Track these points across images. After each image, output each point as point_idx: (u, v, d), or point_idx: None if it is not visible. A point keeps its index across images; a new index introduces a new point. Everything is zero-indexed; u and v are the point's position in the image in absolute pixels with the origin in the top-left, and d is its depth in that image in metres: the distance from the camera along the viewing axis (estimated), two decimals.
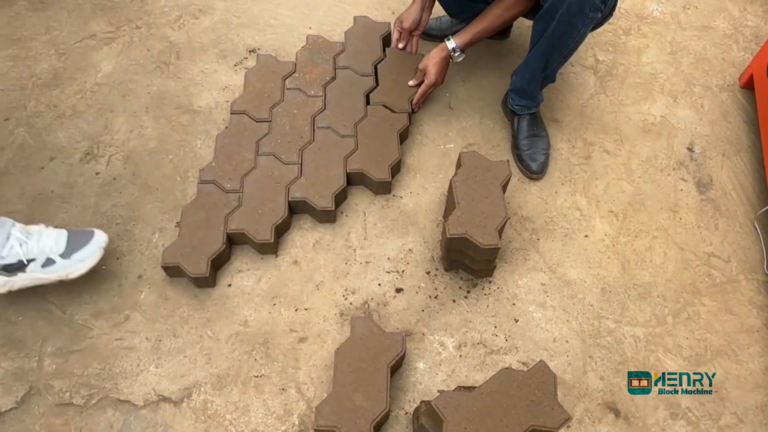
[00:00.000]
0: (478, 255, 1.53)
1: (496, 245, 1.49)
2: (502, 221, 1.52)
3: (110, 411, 1.46)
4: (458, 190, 1.58)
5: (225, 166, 1.76)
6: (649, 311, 1.64)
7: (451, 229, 1.51)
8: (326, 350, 1.54)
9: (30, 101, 1.99)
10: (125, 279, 1.65)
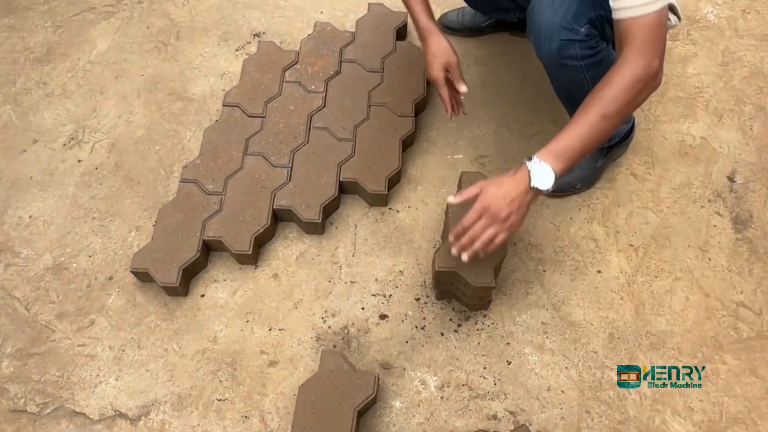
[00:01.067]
0: (469, 291, 1.37)
1: (489, 284, 1.33)
2: (499, 258, 1.36)
3: (64, 423, 1.38)
4: (454, 216, 1.41)
5: (210, 164, 1.63)
6: (660, 364, 1.46)
7: (439, 262, 1.35)
8: (297, 377, 1.43)
9: (20, 77, 1.90)
10: (95, 279, 1.55)
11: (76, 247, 1.59)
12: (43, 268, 1.57)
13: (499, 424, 1.37)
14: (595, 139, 1.15)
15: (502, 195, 1.15)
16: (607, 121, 1.13)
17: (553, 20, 1.26)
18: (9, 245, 1.60)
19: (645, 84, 1.13)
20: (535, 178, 1.14)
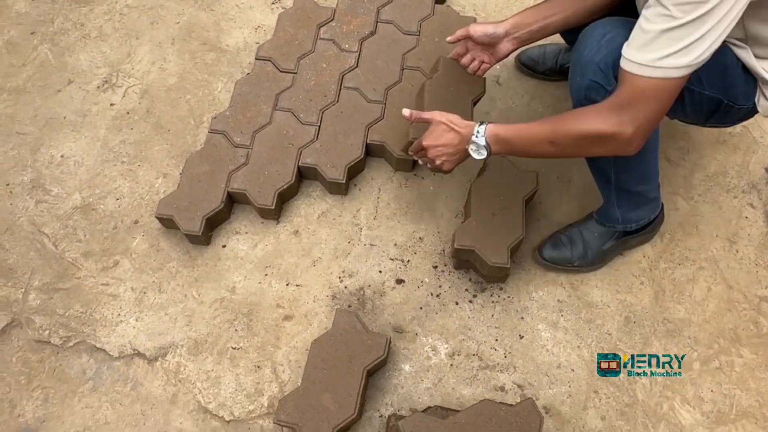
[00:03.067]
0: (485, 269, 1.38)
1: (504, 265, 1.33)
2: (516, 240, 1.35)
3: (85, 356, 1.44)
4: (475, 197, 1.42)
5: (239, 117, 1.63)
6: (674, 352, 1.45)
7: (459, 239, 1.36)
8: (310, 333, 1.45)
9: (58, 17, 1.91)
10: (121, 222, 1.58)
11: (105, 189, 1.63)
12: (72, 207, 1.60)
13: (506, 396, 1.38)
14: (536, 155, 1.19)
15: (442, 143, 1.26)
16: (553, 149, 1.13)
17: (592, 57, 1.14)
18: (41, 182, 1.63)
19: (604, 144, 1.07)
20: (472, 147, 1.22)
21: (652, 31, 0.95)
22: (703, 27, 0.92)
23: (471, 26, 1.40)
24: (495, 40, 1.38)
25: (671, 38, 0.93)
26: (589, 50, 1.15)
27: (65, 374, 1.42)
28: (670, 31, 0.93)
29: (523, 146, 1.17)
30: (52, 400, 1.39)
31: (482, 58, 1.46)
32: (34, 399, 1.39)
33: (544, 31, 1.36)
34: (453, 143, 1.25)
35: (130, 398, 1.39)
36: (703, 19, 0.91)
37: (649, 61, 0.95)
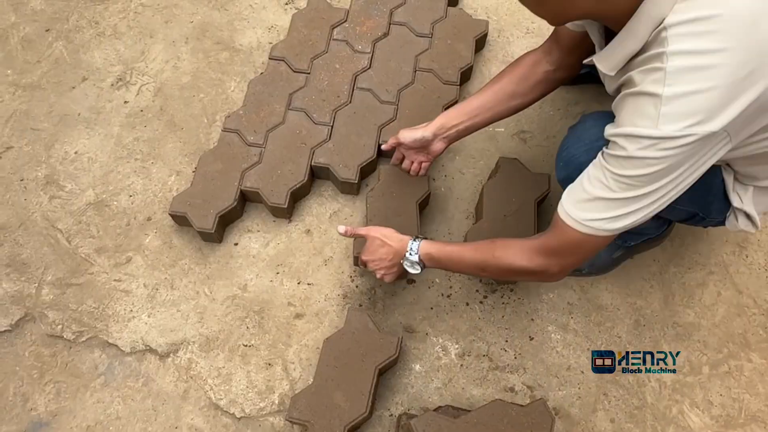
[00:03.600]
0: None
1: None
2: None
3: (97, 352, 1.45)
4: (487, 198, 1.42)
5: (252, 116, 1.64)
6: (684, 356, 1.45)
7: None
8: (321, 331, 1.46)
9: (73, 14, 1.92)
10: (134, 219, 1.59)
11: (118, 186, 1.64)
12: (85, 203, 1.61)
13: (515, 396, 1.39)
14: (466, 274, 1.34)
15: (377, 258, 1.31)
16: (483, 274, 1.21)
17: (576, 156, 1.17)
18: (54, 178, 1.65)
19: (530, 277, 1.22)
20: (407, 263, 1.27)
21: (589, 193, 0.96)
22: (637, 204, 0.92)
23: (400, 133, 1.44)
24: (425, 143, 1.42)
25: (605, 207, 0.94)
26: (578, 148, 1.17)
27: (77, 369, 1.43)
28: (605, 200, 0.94)
29: (455, 268, 1.24)
30: (64, 394, 1.40)
31: (419, 158, 1.50)
32: (46, 393, 1.40)
33: (472, 129, 1.38)
34: (387, 258, 1.29)
35: (141, 394, 1.40)
36: (638, 199, 0.92)
37: (581, 219, 0.97)
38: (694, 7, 0.80)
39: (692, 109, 0.81)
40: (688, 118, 0.81)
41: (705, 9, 0.79)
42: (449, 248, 1.23)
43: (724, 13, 0.78)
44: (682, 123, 0.82)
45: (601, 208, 0.95)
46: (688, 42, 0.80)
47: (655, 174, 0.88)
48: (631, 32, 0.88)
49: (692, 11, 0.80)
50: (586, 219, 0.97)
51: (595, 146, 1.08)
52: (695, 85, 0.80)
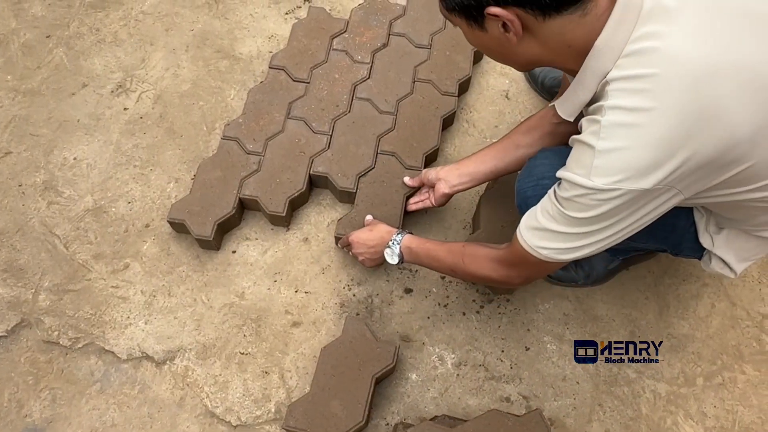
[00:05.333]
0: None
1: None
2: None
3: (93, 358, 1.44)
4: (484, 208, 1.43)
5: (251, 124, 1.65)
6: (678, 367, 1.47)
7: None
8: (318, 340, 1.46)
9: (74, 21, 1.93)
10: (132, 225, 1.60)
11: (117, 193, 1.64)
12: (83, 210, 1.61)
13: (511, 406, 1.40)
14: (440, 272, 1.37)
15: (363, 240, 1.40)
16: (454, 275, 1.26)
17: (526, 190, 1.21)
18: (53, 184, 1.65)
19: (498, 284, 1.25)
20: (387, 251, 1.35)
21: (539, 222, 0.98)
22: (582, 241, 0.94)
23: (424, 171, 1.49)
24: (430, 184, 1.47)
25: (553, 238, 0.96)
26: (525, 183, 1.22)
27: (73, 375, 1.42)
28: (553, 233, 0.96)
29: (429, 265, 1.30)
30: (60, 401, 1.40)
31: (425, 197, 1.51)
32: (41, 399, 1.39)
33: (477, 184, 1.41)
34: (371, 243, 1.38)
35: (137, 401, 1.40)
36: (583, 236, 0.93)
37: (533, 245, 0.99)
38: (635, 64, 0.81)
39: (622, 166, 0.82)
40: (618, 173, 0.82)
41: (644, 67, 0.79)
42: (427, 245, 1.28)
43: (661, 73, 0.78)
44: (612, 177, 0.83)
45: (550, 238, 0.97)
46: (624, 98, 0.81)
47: (593, 218, 0.89)
48: (580, 83, 0.91)
49: (633, 68, 0.81)
50: (537, 246, 0.99)
51: (540, 183, 1.13)
52: (626, 141, 0.81)
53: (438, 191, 1.43)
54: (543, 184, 1.08)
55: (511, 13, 0.83)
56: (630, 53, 0.81)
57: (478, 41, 0.94)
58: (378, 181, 1.58)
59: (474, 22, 0.89)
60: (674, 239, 1.18)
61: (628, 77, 0.81)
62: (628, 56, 0.82)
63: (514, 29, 0.85)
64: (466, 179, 1.39)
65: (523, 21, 0.84)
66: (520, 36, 0.87)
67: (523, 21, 0.84)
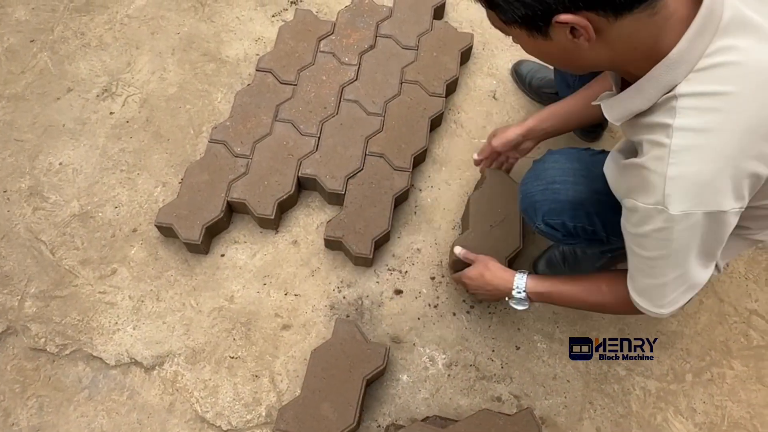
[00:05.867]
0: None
1: None
2: (513, 251, 1.38)
3: (81, 365, 1.43)
4: (473, 208, 1.44)
5: (239, 127, 1.65)
6: (668, 364, 1.47)
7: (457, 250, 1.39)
8: (308, 342, 1.46)
9: (58, 25, 1.91)
10: (119, 230, 1.58)
11: (103, 197, 1.63)
12: (69, 215, 1.60)
13: (502, 406, 1.40)
14: (576, 308, 1.24)
15: (481, 285, 1.30)
16: (596, 310, 1.19)
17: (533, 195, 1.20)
18: (38, 189, 1.63)
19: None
20: (512, 301, 1.25)
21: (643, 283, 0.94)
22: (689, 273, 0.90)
23: (493, 141, 1.41)
24: (516, 145, 1.40)
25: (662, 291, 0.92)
26: (534, 186, 1.20)
27: (61, 383, 1.41)
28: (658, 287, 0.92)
29: (566, 305, 1.21)
30: (47, 408, 1.38)
31: (509, 155, 1.47)
32: (28, 408, 1.38)
33: (559, 131, 1.36)
34: (490, 287, 1.29)
35: (126, 407, 1.38)
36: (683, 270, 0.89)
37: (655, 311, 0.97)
38: (708, 79, 0.76)
39: (696, 190, 0.78)
40: (694, 198, 0.78)
41: (720, 83, 0.75)
42: (559, 288, 1.18)
43: (737, 92, 0.74)
44: (687, 204, 0.78)
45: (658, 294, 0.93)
46: (695, 117, 0.76)
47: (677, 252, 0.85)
48: (640, 92, 0.83)
49: (705, 84, 0.76)
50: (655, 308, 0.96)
51: (550, 188, 1.12)
52: (698, 165, 0.76)
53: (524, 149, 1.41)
54: (553, 188, 1.05)
55: (583, 18, 0.75)
56: (704, 67, 0.76)
57: (539, 50, 0.86)
58: (367, 183, 1.58)
59: (537, 32, 0.80)
60: None
61: (701, 94, 0.76)
62: (702, 71, 0.76)
63: (586, 34, 0.78)
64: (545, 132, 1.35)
65: (594, 24, 0.77)
66: (593, 41, 0.79)
67: (594, 24, 0.77)
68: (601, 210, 1.14)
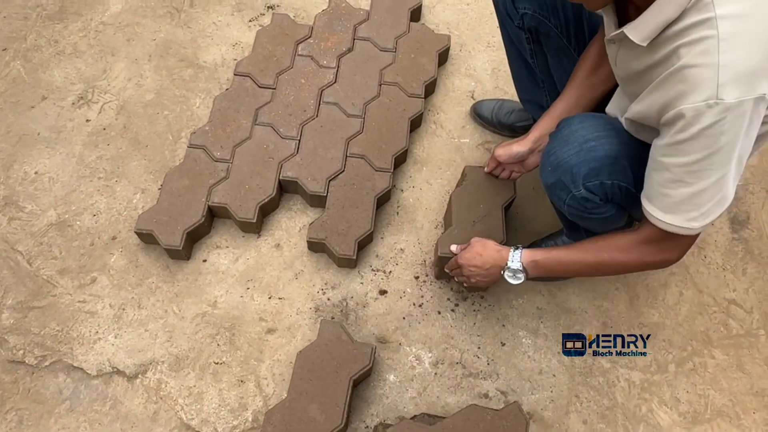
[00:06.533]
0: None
1: None
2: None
3: (62, 376, 1.40)
4: (455, 205, 1.45)
5: (218, 131, 1.64)
6: (650, 355, 1.49)
7: (442, 248, 1.39)
8: (294, 345, 1.45)
9: (31, 33, 1.89)
10: (98, 238, 1.56)
11: (81, 206, 1.60)
12: (47, 224, 1.57)
13: (490, 402, 1.40)
14: (576, 276, 1.21)
15: (478, 263, 1.28)
16: (596, 273, 1.20)
17: (569, 159, 1.14)
18: (14, 199, 1.60)
19: (652, 268, 1.12)
20: (508, 273, 1.24)
21: (672, 195, 0.94)
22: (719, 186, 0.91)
23: (497, 153, 1.41)
24: (521, 158, 1.40)
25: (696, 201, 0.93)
26: (567, 151, 1.14)
27: (41, 395, 1.38)
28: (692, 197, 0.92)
29: (564, 272, 1.22)
30: (27, 422, 1.35)
31: (513, 168, 1.48)
32: (7, 422, 1.34)
33: None
34: (485, 266, 1.28)
35: (109, 417, 1.36)
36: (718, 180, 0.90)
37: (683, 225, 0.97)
38: None
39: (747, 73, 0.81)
40: (745, 83, 0.81)
41: None
42: (554, 254, 1.19)
43: None
44: (742, 89, 0.81)
45: (689, 207, 0.94)
46: (733, 5, 0.80)
47: (723, 149, 0.86)
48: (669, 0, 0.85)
49: None
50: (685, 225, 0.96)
51: (585, 147, 1.09)
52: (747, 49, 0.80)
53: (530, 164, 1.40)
54: (589, 147, 1.03)
55: None
56: None
57: None
58: (348, 184, 1.58)
59: None
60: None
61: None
62: None
63: None
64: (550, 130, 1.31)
65: None
66: None
67: None
68: (633, 163, 1.11)
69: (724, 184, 0.92)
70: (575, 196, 1.17)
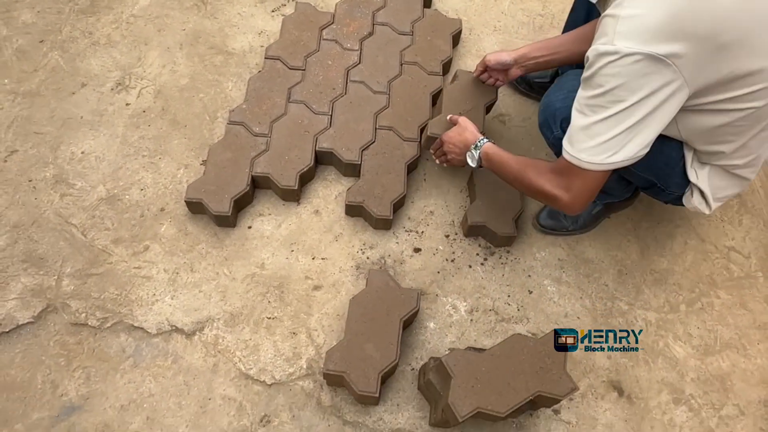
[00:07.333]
0: (495, 238, 1.62)
1: (512, 234, 1.58)
2: (517, 212, 1.61)
3: (123, 336, 1.49)
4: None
5: (255, 109, 1.75)
6: (663, 297, 1.64)
7: (471, 218, 1.60)
8: (339, 300, 1.56)
9: (66, 26, 1.98)
10: (147, 210, 1.66)
11: (128, 181, 1.70)
12: (97, 199, 1.66)
13: None
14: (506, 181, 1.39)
15: (455, 141, 1.53)
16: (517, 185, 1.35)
17: (554, 102, 1.35)
18: (63, 177, 1.69)
19: (550, 202, 1.25)
20: (469, 153, 1.48)
21: (574, 124, 1.11)
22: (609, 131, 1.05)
23: (487, 58, 1.63)
24: (506, 67, 1.61)
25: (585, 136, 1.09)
26: (555, 96, 1.36)
27: (105, 353, 1.46)
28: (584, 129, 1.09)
29: (498, 171, 1.40)
30: (94, 378, 1.43)
31: (497, 77, 1.69)
32: (75, 378, 1.43)
33: (549, 64, 1.55)
34: (460, 144, 1.51)
35: (172, 371, 1.45)
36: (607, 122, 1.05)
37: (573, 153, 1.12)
38: None
39: (641, 30, 0.96)
40: (638, 36, 0.96)
41: None
42: (502, 154, 1.37)
43: None
44: (633, 41, 0.97)
45: (583, 137, 1.09)
46: None
47: (614, 91, 1.01)
48: None
49: None
50: (575, 153, 1.12)
51: (571, 96, 1.24)
52: (646, 7, 0.96)
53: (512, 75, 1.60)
54: (573, 96, 1.17)
55: None
56: None
57: None
58: (380, 153, 1.71)
59: None
60: (666, 171, 1.34)
61: None
62: None
63: None
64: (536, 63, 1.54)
65: None
66: None
67: None
68: None
69: (616, 127, 1.05)
70: (556, 136, 1.36)
